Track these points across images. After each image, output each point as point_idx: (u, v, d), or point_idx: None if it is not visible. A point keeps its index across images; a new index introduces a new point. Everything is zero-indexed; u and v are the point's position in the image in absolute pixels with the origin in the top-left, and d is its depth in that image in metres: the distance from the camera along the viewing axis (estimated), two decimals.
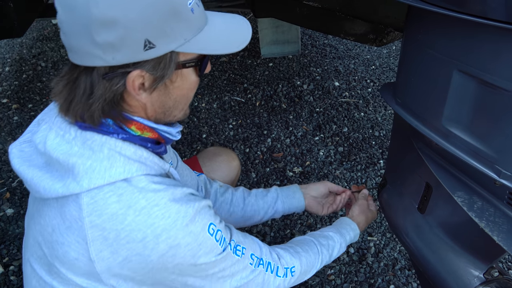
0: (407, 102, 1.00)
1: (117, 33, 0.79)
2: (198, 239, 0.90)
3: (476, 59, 0.79)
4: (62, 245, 0.88)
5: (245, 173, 2.61)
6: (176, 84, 0.92)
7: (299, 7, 1.65)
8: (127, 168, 0.87)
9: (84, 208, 0.85)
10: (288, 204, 1.53)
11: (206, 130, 3.01)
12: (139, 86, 0.86)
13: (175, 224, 0.87)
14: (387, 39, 1.66)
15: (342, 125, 3.03)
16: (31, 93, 3.54)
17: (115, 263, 0.87)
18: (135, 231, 0.85)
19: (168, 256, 0.87)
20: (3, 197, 2.46)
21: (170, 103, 0.94)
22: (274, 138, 2.92)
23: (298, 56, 3.96)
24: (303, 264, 1.21)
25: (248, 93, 3.43)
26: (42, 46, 4.41)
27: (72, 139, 0.87)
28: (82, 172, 0.85)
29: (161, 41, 0.83)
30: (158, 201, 0.87)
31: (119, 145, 0.88)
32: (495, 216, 0.83)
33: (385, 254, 2.11)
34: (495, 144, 0.80)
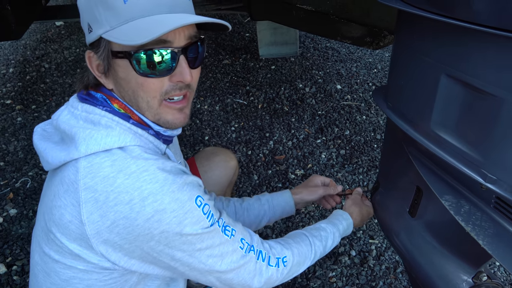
0: (398, 106, 1.01)
1: (81, 17, 0.97)
2: (185, 207, 0.92)
3: (463, 64, 0.80)
4: (59, 208, 0.94)
5: (247, 175, 2.62)
6: (120, 74, 0.97)
7: (295, 10, 1.66)
8: (122, 137, 0.94)
9: (81, 171, 0.91)
10: (279, 212, 1.55)
11: (209, 132, 3.03)
12: (98, 68, 0.98)
13: (162, 189, 0.90)
14: (384, 42, 1.66)
15: (344, 128, 3.03)
16: (35, 94, 3.58)
17: (103, 226, 0.90)
18: (123, 193, 0.89)
19: (153, 221, 0.89)
20: (6, 198, 2.49)
21: (126, 96, 1.00)
22: (276, 140, 2.92)
23: (301, 59, 3.97)
24: (295, 255, 1.21)
25: (251, 95, 3.44)
26: (45, 47, 4.46)
27: (79, 114, 0.98)
28: (81, 139, 0.93)
29: (94, 25, 0.93)
30: (148, 167, 0.91)
31: (116, 118, 0.97)
32: (482, 220, 0.84)
33: (387, 257, 2.11)
34: (481, 148, 0.81)
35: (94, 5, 0.91)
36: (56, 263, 0.98)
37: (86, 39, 0.99)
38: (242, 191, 2.51)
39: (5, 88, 3.70)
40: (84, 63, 1.00)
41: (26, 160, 2.80)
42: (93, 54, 0.97)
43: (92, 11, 0.92)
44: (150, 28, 0.87)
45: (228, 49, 4.24)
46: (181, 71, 0.96)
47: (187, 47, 0.96)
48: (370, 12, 1.51)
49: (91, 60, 0.98)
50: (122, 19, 0.90)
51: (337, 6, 1.52)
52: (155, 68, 0.93)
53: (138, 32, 0.88)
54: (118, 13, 0.90)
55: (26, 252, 2.15)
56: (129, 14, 0.90)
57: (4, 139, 3.02)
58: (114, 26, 0.91)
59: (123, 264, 0.95)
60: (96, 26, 0.92)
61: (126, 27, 0.90)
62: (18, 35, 1.71)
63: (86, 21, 0.95)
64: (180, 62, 0.96)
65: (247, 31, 4.63)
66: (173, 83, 0.98)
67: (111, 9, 0.90)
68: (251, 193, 2.50)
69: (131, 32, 0.89)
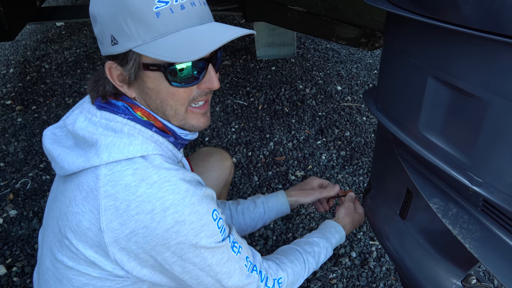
0: (387, 108, 1.01)
1: (97, 28, 0.94)
2: (202, 220, 0.94)
3: (449, 66, 0.80)
4: (77, 215, 0.95)
5: (247, 177, 2.62)
6: (149, 85, 0.97)
7: (290, 12, 1.66)
8: (144, 146, 0.96)
9: (102, 179, 0.92)
10: (274, 214, 1.56)
11: (209, 133, 3.03)
12: (119, 78, 0.97)
13: (183, 200, 0.91)
14: (379, 43, 1.66)
15: (344, 129, 3.03)
16: (35, 95, 3.60)
17: (122, 235, 0.91)
18: (145, 202, 0.90)
19: (172, 232, 0.91)
20: (6, 199, 2.50)
21: (152, 104, 1.00)
22: (277, 141, 2.93)
23: (301, 60, 3.97)
24: (290, 275, 1.23)
25: (251, 96, 3.45)
26: (46, 48, 4.48)
27: (98, 122, 0.98)
28: (103, 146, 0.93)
29: (122, 39, 0.91)
30: (170, 178, 0.93)
31: (138, 127, 0.98)
32: (469, 223, 0.84)
33: (387, 259, 2.10)
34: (468, 151, 0.81)
35: (122, 18, 0.88)
36: (69, 270, 0.99)
37: (105, 49, 0.95)
38: (242, 192, 2.51)
39: (5, 89, 3.72)
40: (96, 71, 1.00)
41: (26, 161, 2.82)
42: (116, 65, 0.95)
43: (119, 24, 0.89)
44: (195, 44, 0.88)
45: (228, 50, 4.25)
46: (210, 79, 0.99)
47: (214, 54, 0.99)
48: (362, 13, 1.51)
49: (112, 71, 0.96)
50: (156, 33, 0.89)
51: (328, 7, 1.52)
52: (188, 79, 0.95)
53: (183, 48, 0.88)
54: (152, 27, 0.89)
55: (26, 253, 2.16)
56: (163, 29, 0.89)
57: (4, 139, 3.04)
58: (148, 40, 0.89)
59: (136, 273, 0.97)
60: (124, 39, 0.90)
61: (164, 41, 0.89)
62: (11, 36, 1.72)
63: (108, 33, 0.91)
64: (209, 71, 0.98)
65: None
66: (200, 90, 1.00)
67: (144, 23, 0.88)
68: (251, 194, 2.50)
69: (173, 48, 0.88)
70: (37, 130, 3.12)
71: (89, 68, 4.01)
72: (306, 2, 1.52)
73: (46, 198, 2.52)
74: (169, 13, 0.89)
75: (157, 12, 0.88)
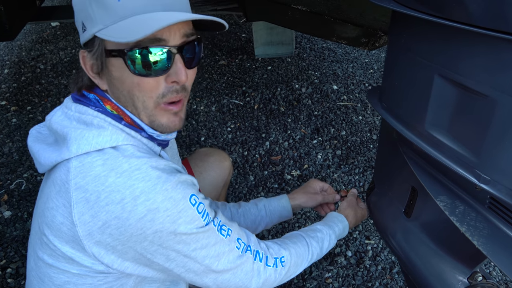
0: (392, 107, 1.01)
1: (76, 16, 0.96)
2: (178, 206, 0.90)
3: (455, 64, 0.80)
4: (51, 210, 0.93)
5: (243, 176, 2.62)
6: (114, 74, 0.94)
7: (291, 11, 1.66)
8: (114, 137, 0.93)
9: (72, 171, 0.90)
10: (276, 217, 1.55)
11: (205, 133, 3.02)
12: (92, 68, 0.96)
13: (154, 188, 0.88)
14: (379, 43, 1.67)
15: (340, 128, 3.03)
16: (30, 96, 3.57)
17: (95, 227, 0.88)
18: (114, 192, 0.87)
19: (146, 221, 0.87)
20: (1, 200, 2.48)
21: (121, 96, 0.98)
22: (273, 141, 2.92)
23: (297, 60, 3.98)
24: (293, 255, 1.19)
25: (247, 96, 3.44)
26: (41, 48, 4.45)
27: (72, 115, 0.97)
28: (72, 139, 0.92)
29: (88, 24, 0.92)
30: (140, 166, 0.90)
31: (108, 119, 0.96)
32: (476, 220, 0.84)
33: (383, 258, 2.11)
34: (475, 149, 0.81)
35: (88, 3, 0.90)
36: (49, 268, 0.97)
37: (80, 38, 0.97)
38: (238, 191, 2.51)
39: (0, 89, 3.69)
40: (79, 64, 0.99)
41: (21, 161, 2.79)
42: (87, 53, 0.95)
43: (86, 10, 0.90)
44: (144, 25, 0.85)
45: (224, 49, 4.24)
46: (177, 71, 0.94)
47: (183, 46, 0.94)
48: (365, 12, 1.51)
49: (85, 60, 0.96)
50: (115, 17, 0.88)
51: (331, 7, 1.52)
52: (150, 67, 0.91)
53: (132, 29, 0.86)
54: (112, 11, 0.88)
55: (21, 254, 2.14)
56: (123, 12, 0.88)
57: None
58: (108, 24, 0.89)
59: (117, 267, 0.94)
60: (90, 25, 0.91)
61: (120, 24, 0.88)
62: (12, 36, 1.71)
63: (80, 20, 0.94)
64: (176, 62, 0.93)
65: (244, 32, 4.63)
66: (168, 84, 0.95)
67: (105, 7, 0.88)
68: (247, 193, 2.50)
69: (124, 29, 0.86)
70: None
71: None
72: (310, 1, 1.52)
73: None
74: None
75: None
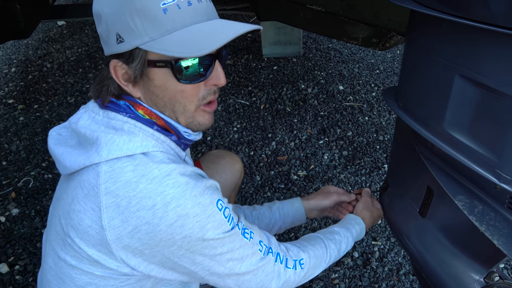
0: (409, 106, 1.01)
1: (102, 26, 0.93)
2: (207, 211, 0.92)
3: (477, 64, 0.80)
4: (79, 213, 0.93)
5: (249, 176, 2.62)
6: (156, 82, 0.96)
7: (303, 11, 1.66)
8: (144, 143, 0.94)
9: (102, 176, 0.91)
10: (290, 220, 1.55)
11: (211, 133, 3.03)
12: (124, 77, 0.96)
13: (184, 193, 0.90)
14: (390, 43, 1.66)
15: (346, 129, 3.03)
16: (37, 94, 3.58)
17: (125, 232, 0.89)
18: (145, 198, 0.88)
19: (176, 226, 0.89)
20: (8, 197, 2.49)
21: (160, 102, 0.99)
22: (279, 141, 2.92)
23: (303, 60, 3.98)
24: (312, 257, 1.20)
25: (253, 96, 3.45)
26: (47, 47, 4.46)
27: (100, 120, 0.98)
28: (103, 143, 0.92)
29: (128, 36, 0.90)
30: (170, 172, 0.91)
31: (139, 125, 0.97)
32: (496, 220, 0.84)
33: (390, 259, 2.11)
34: (495, 149, 0.81)
35: (128, 15, 0.88)
36: (72, 269, 0.97)
37: (110, 48, 0.94)
38: (244, 192, 2.51)
39: (7, 88, 3.70)
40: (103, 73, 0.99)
41: (28, 159, 2.80)
42: (121, 64, 0.94)
43: (125, 21, 0.89)
44: (203, 39, 0.88)
45: (230, 49, 4.25)
46: (217, 75, 0.98)
47: (221, 50, 0.98)
48: (379, 13, 1.51)
49: (117, 70, 0.95)
50: (163, 30, 0.89)
51: (346, 7, 1.52)
52: (195, 76, 0.95)
53: (191, 44, 0.88)
54: (159, 23, 0.88)
55: (29, 252, 2.15)
56: (171, 25, 0.89)
57: (6, 138, 3.02)
58: (155, 37, 0.89)
59: (142, 269, 0.95)
60: (131, 37, 0.90)
61: (171, 38, 0.89)
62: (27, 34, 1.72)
63: (114, 31, 0.91)
64: (216, 67, 0.97)
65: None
66: (208, 87, 0.99)
67: (151, 20, 0.88)
68: (253, 193, 2.50)
69: (181, 43, 0.88)
70: (39, 129, 3.10)
71: (90, 67, 3.99)
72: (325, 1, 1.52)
73: (48, 196, 2.50)
74: (177, 10, 0.89)
75: (164, 9, 0.88)
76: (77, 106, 3.22)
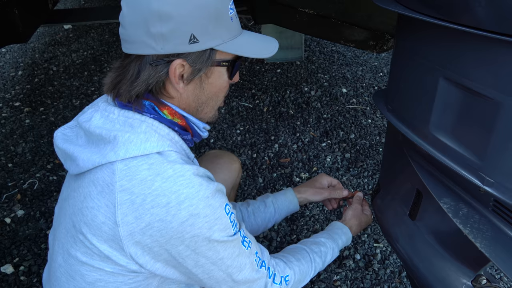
0: (397, 109, 1.02)
1: (169, 26, 0.94)
2: (216, 213, 0.96)
3: (460, 66, 0.80)
4: (92, 209, 0.96)
5: (252, 178, 2.63)
6: (210, 80, 1.05)
7: (299, 14, 1.67)
8: (160, 143, 0.98)
9: (117, 173, 0.94)
10: (284, 212, 1.58)
11: (214, 135, 3.04)
12: (179, 75, 1.00)
13: (197, 194, 0.93)
14: (387, 46, 1.67)
15: (349, 131, 3.03)
16: (43, 97, 3.62)
17: (137, 228, 0.92)
18: (160, 196, 0.91)
19: (187, 225, 0.92)
20: (14, 199, 2.52)
21: (203, 98, 1.07)
22: (281, 143, 2.93)
23: (306, 63, 3.98)
24: (297, 273, 1.24)
25: (256, 98, 3.46)
26: (54, 50, 4.50)
27: (115, 119, 1.00)
28: (120, 143, 0.95)
29: (203, 38, 0.97)
30: (184, 173, 0.94)
31: (156, 124, 1.00)
32: (480, 223, 0.84)
33: (392, 261, 2.10)
34: (479, 151, 0.81)
35: (206, 19, 0.97)
36: (82, 265, 1.00)
37: (172, 47, 0.97)
38: (247, 194, 2.52)
39: (14, 91, 3.74)
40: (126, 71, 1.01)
41: (33, 161, 2.83)
42: (186, 62, 0.99)
43: (203, 25, 0.96)
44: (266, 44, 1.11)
45: None
46: (237, 74, 1.12)
47: None
48: (372, 15, 1.51)
49: (177, 69, 0.99)
50: (232, 34, 1.03)
51: (338, 9, 1.53)
52: (234, 73, 1.10)
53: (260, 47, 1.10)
54: (230, 29, 1.02)
55: (33, 253, 2.17)
56: (235, 31, 1.04)
57: (13, 140, 3.05)
58: (226, 40, 1.01)
59: (149, 267, 0.98)
60: (206, 38, 0.98)
61: (238, 42, 1.04)
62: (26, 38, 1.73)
63: (187, 31, 0.95)
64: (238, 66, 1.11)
65: None
66: (230, 83, 1.12)
67: (224, 25, 1.00)
68: (255, 195, 2.51)
69: (251, 46, 1.07)
70: (44, 131, 3.14)
71: (96, 70, 4.03)
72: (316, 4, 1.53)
73: (53, 198, 2.53)
74: (235, 18, 1.05)
75: (231, 17, 1.02)
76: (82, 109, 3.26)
